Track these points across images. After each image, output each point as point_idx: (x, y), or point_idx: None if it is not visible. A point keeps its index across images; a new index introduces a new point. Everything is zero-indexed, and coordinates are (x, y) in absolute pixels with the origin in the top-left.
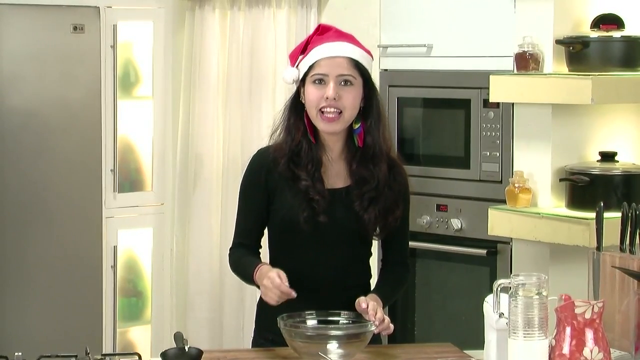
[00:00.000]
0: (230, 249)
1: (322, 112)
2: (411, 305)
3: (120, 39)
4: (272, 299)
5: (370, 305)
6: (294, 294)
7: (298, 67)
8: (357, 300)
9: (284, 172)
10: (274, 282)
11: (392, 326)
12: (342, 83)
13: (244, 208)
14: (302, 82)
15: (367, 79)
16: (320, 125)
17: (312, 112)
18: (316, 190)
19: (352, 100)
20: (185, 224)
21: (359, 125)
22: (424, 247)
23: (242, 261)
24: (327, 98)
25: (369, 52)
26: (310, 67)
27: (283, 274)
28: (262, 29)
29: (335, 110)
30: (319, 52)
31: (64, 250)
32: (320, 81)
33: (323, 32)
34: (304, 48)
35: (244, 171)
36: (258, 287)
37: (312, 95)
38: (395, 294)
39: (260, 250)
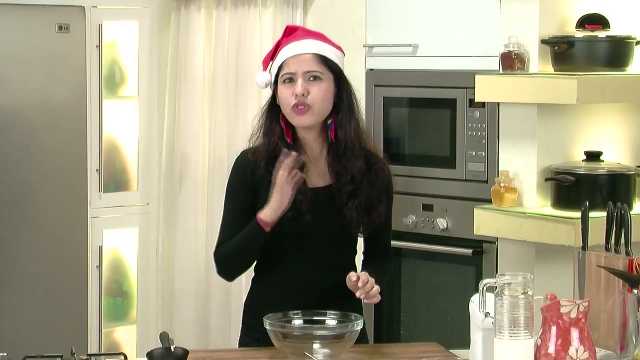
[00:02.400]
0: (214, 251)
1: (293, 108)
2: (397, 305)
3: (106, 39)
4: (290, 185)
5: (361, 277)
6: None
7: (270, 71)
8: (347, 277)
9: (265, 175)
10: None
11: (379, 296)
12: (311, 79)
13: (231, 209)
14: (275, 84)
15: (337, 73)
16: (294, 120)
17: (286, 110)
18: (298, 191)
19: (321, 94)
20: (170, 223)
21: (331, 120)
22: (410, 247)
23: (233, 240)
24: (296, 95)
25: (339, 48)
26: (279, 69)
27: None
28: (247, 28)
29: (304, 105)
30: (285, 52)
31: (49, 250)
32: (290, 80)
33: (291, 33)
34: (275, 52)
35: (229, 173)
36: (266, 232)
37: (283, 94)
38: (380, 280)
39: None
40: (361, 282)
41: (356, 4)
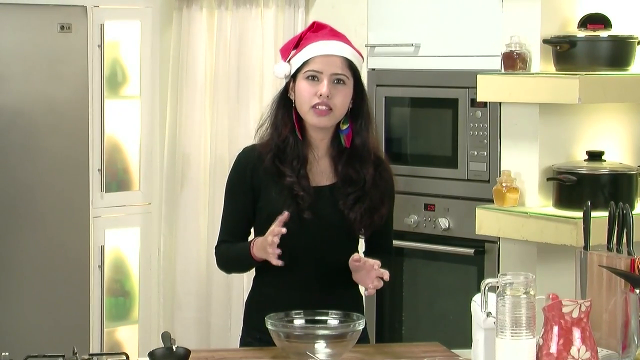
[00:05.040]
0: (216, 247)
1: (314, 107)
2: (399, 305)
3: (108, 39)
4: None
5: (368, 260)
6: (283, 230)
7: (290, 62)
8: (351, 258)
9: (269, 168)
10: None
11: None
12: (335, 82)
13: (229, 206)
14: (292, 77)
15: (357, 79)
16: (311, 119)
17: (303, 108)
18: (301, 187)
19: (343, 99)
20: (172, 223)
21: (347, 126)
22: (412, 247)
23: (232, 249)
24: (320, 95)
25: (359, 53)
26: (304, 64)
27: (274, 232)
28: (249, 28)
29: (326, 107)
30: (314, 49)
31: (51, 250)
32: (314, 78)
33: (317, 30)
34: (297, 44)
35: (230, 169)
36: (257, 262)
37: (305, 91)
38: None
39: None
40: (368, 264)
41: (358, 3)
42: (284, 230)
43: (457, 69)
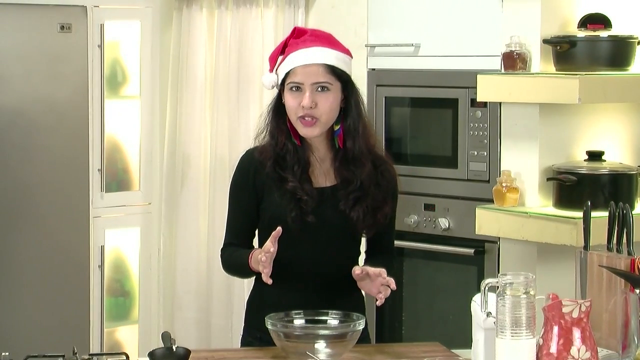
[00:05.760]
0: (221, 249)
1: (300, 118)
2: (399, 305)
3: (108, 39)
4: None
5: (370, 269)
6: (272, 249)
7: (277, 72)
8: (353, 270)
9: (271, 174)
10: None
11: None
12: (319, 89)
13: (233, 208)
14: (282, 86)
15: (345, 81)
16: (300, 130)
17: (291, 118)
18: (304, 191)
19: (328, 105)
20: (172, 223)
21: (338, 127)
22: (412, 247)
23: (234, 256)
24: (303, 107)
25: (347, 52)
26: (287, 75)
27: (266, 249)
28: (249, 28)
29: (311, 117)
30: (293, 60)
31: (51, 250)
32: (297, 88)
33: (299, 36)
34: (282, 51)
35: (233, 172)
36: (256, 273)
37: (289, 102)
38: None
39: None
40: (372, 273)
41: (358, 3)
42: (273, 250)
43: (457, 69)
